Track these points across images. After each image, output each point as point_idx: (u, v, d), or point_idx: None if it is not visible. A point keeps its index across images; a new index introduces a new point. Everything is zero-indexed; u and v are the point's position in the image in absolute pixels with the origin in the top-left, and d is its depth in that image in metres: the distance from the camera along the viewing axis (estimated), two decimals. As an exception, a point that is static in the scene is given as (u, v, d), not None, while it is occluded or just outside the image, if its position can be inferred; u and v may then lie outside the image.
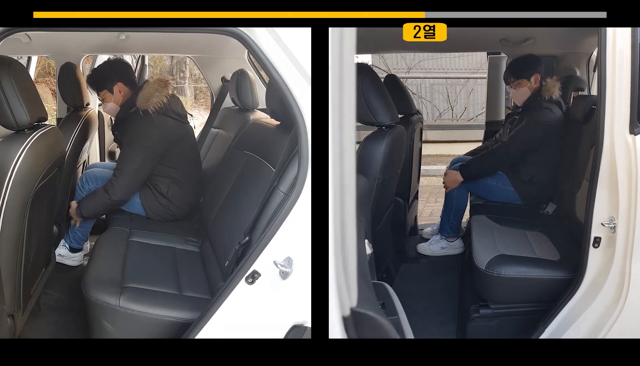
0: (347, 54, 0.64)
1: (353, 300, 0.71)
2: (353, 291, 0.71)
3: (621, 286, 1.57)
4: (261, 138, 1.97)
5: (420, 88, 8.35)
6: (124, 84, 2.29)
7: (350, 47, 0.65)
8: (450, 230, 2.72)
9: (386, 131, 1.98)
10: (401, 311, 1.16)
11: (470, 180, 2.58)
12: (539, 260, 1.92)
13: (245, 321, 1.35)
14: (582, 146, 2.18)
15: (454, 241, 2.74)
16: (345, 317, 0.70)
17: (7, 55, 1.67)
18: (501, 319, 1.92)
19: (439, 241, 2.75)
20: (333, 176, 0.66)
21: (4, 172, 1.46)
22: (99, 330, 1.57)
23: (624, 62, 1.50)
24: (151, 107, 2.10)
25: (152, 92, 2.12)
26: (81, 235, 2.40)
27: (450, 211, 2.68)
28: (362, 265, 0.96)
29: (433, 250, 2.75)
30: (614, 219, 1.55)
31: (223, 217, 1.93)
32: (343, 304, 0.70)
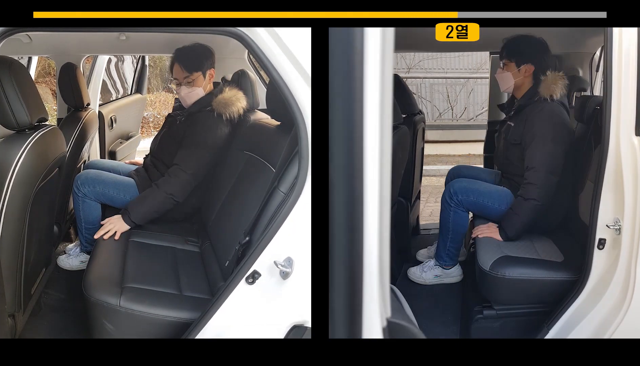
0: (387, 55, 0.63)
1: (388, 311, 0.71)
2: (387, 301, 0.71)
3: (626, 289, 1.56)
4: (261, 138, 1.96)
5: (420, 88, 8.35)
6: (212, 74, 2.21)
7: (390, 48, 0.64)
8: (446, 257, 2.31)
9: (389, 131, 1.97)
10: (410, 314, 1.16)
11: (515, 239, 2.06)
12: (542, 261, 1.91)
13: (245, 321, 1.35)
14: (585, 147, 2.17)
15: (450, 269, 2.35)
16: (384, 328, 0.70)
17: (8, 56, 1.67)
18: (505, 320, 1.91)
19: (432, 268, 2.36)
20: (379, 191, 0.64)
21: (5, 172, 1.46)
22: (100, 330, 1.57)
23: (630, 63, 1.49)
24: (228, 113, 2.07)
25: (233, 100, 2.09)
26: (91, 237, 2.36)
27: (447, 235, 2.26)
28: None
29: (425, 278, 2.36)
30: (619, 221, 1.54)
31: (223, 217, 1.93)
32: (381, 315, 0.70)
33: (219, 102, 2.10)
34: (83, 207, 2.25)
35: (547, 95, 2.02)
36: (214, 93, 2.16)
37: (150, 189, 2.06)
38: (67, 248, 2.49)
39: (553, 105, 2.02)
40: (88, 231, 2.30)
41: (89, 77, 3.27)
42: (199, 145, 2.08)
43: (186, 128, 2.16)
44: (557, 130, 1.97)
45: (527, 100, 2.11)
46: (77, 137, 2.53)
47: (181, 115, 2.24)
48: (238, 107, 2.10)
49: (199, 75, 2.18)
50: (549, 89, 2.02)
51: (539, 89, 2.06)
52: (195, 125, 2.13)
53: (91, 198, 2.24)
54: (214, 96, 2.14)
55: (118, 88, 4.78)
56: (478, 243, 2.06)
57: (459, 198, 2.21)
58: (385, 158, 0.65)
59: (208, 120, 2.11)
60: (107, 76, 4.45)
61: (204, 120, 2.12)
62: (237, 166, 2.00)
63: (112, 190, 2.23)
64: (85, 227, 2.29)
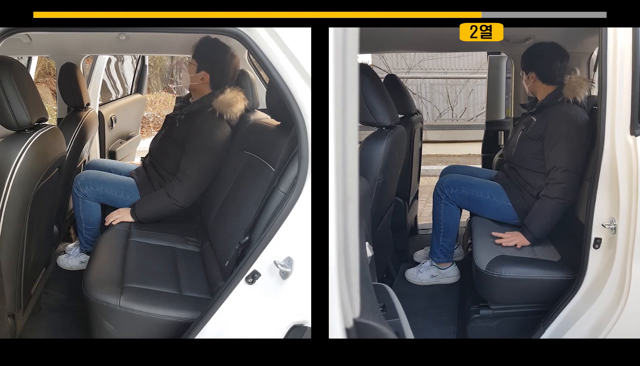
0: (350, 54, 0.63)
1: (356, 311, 0.70)
2: (356, 301, 0.70)
3: (622, 288, 1.56)
4: (261, 138, 1.97)
5: (420, 88, 8.36)
6: (210, 76, 2.20)
7: (353, 47, 0.64)
8: (440, 253, 2.33)
9: (386, 131, 1.98)
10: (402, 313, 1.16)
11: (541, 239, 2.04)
12: (539, 261, 1.92)
13: (245, 321, 1.35)
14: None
15: (446, 267, 2.37)
16: (349, 329, 0.70)
17: (8, 56, 1.67)
18: (501, 320, 1.92)
19: (429, 268, 2.39)
20: (335, 186, 0.64)
21: (5, 172, 1.46)
22: (100, 330, 1.57)
23: (624, 63, 1.49)
24: (229, 114, 2.08)
25: (235, 101, 2.09)
26: (92, 237, 2.37)
27: (439, 231, 2.30)
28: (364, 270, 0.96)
29: (422, 279, 2.38)
30: (614, 220, 1.55)
31: (223, 217, 1.93)
32: (346, 315, 0.69)
33: (220, 102, 2.10)
34: (83, 208, 2.25)
35: (571, 97, 2.06)
36: (215, 93, 2.16)
37: (160, 192, 2.10)
38: (67, 248, 2.49)
39: (574, 107, 2.05)
40: (88, 232, 2.30)
41: (89, 77, 3.27)
42: (203, 150, 2.09)
43: (187, 131, 2.15)
44: (581, 132, 1.99)
45: (550, 100, 2.14)
46: (77, 137, 2.53)
47: (180, 113, 2.23)
48: (239, 108, 2.10)
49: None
50: (573, 91, 2.06)
51: (563, 91, 2.10)
52: (197, 128, 2.13)
53: (91, 198, 2.24)
54: (215, 96, 2.14)
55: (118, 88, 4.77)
56: (475, 243, 2.06)
57: (450, 192, 2.25)
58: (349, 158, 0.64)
59: (209, 121, 2.11)
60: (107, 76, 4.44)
61: (204, 122, 2.12)
62: (237, 166, 2.00)
63: (112, 191, 2.23)
64: (85, 227, 2.29)
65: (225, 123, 2.11)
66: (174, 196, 2.04)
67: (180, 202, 2.05)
